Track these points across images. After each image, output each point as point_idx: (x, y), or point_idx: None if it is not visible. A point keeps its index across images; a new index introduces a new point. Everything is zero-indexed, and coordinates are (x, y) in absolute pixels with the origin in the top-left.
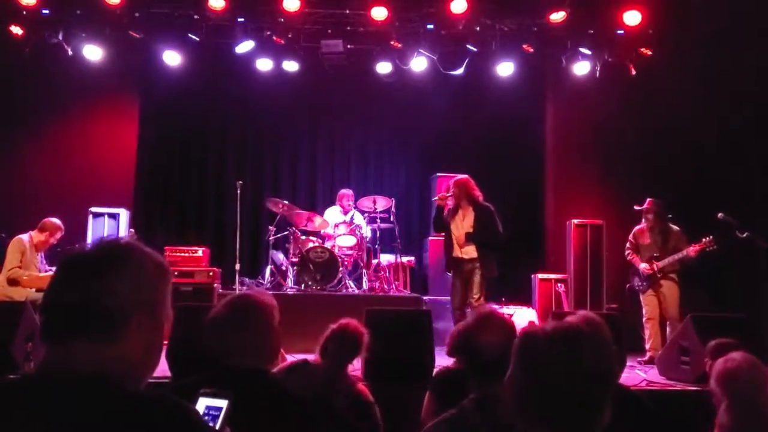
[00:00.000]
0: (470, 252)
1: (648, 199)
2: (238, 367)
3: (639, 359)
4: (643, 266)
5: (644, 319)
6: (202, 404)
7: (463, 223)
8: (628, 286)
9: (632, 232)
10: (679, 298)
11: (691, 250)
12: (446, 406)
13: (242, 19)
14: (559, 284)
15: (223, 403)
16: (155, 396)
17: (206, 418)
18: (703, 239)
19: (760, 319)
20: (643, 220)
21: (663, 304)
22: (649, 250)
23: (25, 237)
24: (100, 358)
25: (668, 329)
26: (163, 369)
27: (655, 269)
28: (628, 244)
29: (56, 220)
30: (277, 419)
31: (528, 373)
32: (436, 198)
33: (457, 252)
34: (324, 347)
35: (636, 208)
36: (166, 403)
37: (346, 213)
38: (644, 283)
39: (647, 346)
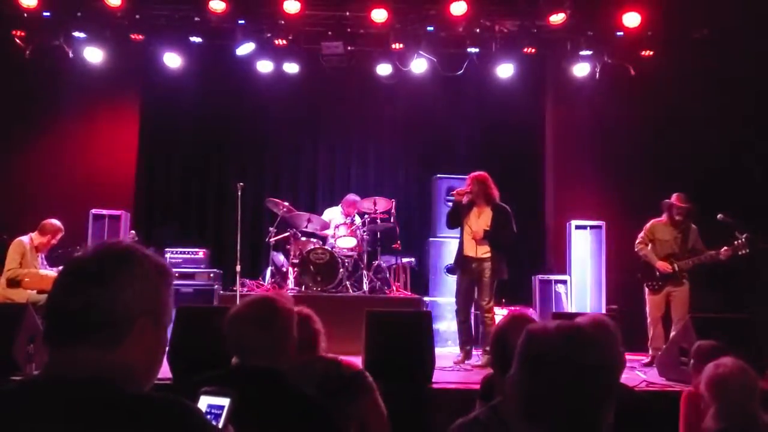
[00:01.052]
0: (483, 251)
1: (679, 194)
2: (254, 366)
3: (644, 362)
4: (661, 264)
5: (648, 320)
6: (204, 403)
7: (478, 221)
8: (647, 284)
9: (649, 225)
10: (690, 299)
11: (723, 252)
12: None
13: (243, 21)
14: (559, 285)
15: (225, 402)
16: (159, 396)
17: (208, 417)
18: (735, 242)
19: (761, 319)
20: (673, 214)
21: (672, 305)
22: (667, 247)
23: (25, 239)
24: (103, 362)
25: (673, 330)
26: (163, 370)
27: (675, 269)
28: (642, 238)
29: (56, 222)
30: (294, 421)
31: (533, 372)
32: (454, 193)
33: (469, 250)
34: None
35: (666, 201)
36: (170, 403)
37: (347, 217)
38: (659, 283)
39: (650, 344)
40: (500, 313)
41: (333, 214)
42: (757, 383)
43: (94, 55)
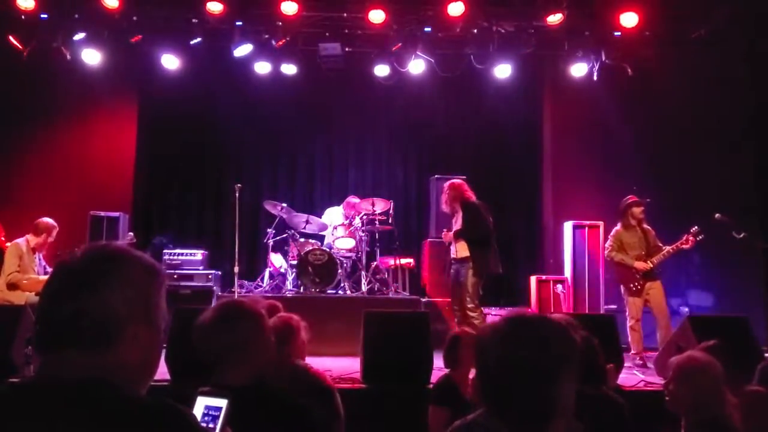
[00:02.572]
0: (462, 251)
1: (634, 198)
2: (231, 385)
3: (638, 364)
4: (639, 264)
5: (632, 322)
6: (201, 404)
7: (455, 226)
8: (629, 286)
9: (614, 233)
10: (665, 292)
11: (685, 241)
12: None
13: (240, 23)
14: (557, 285)
15: (222, 403)
16: (153, 400)
17: (206, 418)
18: (691, 230)
19: (758, 319)
20: (633, 217)
21: (651, 301)
22: (637, 248)
23: (21, 241)
24: (97, 366)
25: (658, 325)
26: (162, 372)
27: (651, 265)
28: (610, 245)
29: (49, 219)
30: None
31: (481, 371)
32: (444, 239)
33: (452, 253)
34: None
35: (626, 204)
36: (163, 407)
37: (346, 218)
38: (640, 283)
39: (634, 351)
40: (498, 314)
41: (334, 214)
42: (723, 377)
43: (92, 56)
